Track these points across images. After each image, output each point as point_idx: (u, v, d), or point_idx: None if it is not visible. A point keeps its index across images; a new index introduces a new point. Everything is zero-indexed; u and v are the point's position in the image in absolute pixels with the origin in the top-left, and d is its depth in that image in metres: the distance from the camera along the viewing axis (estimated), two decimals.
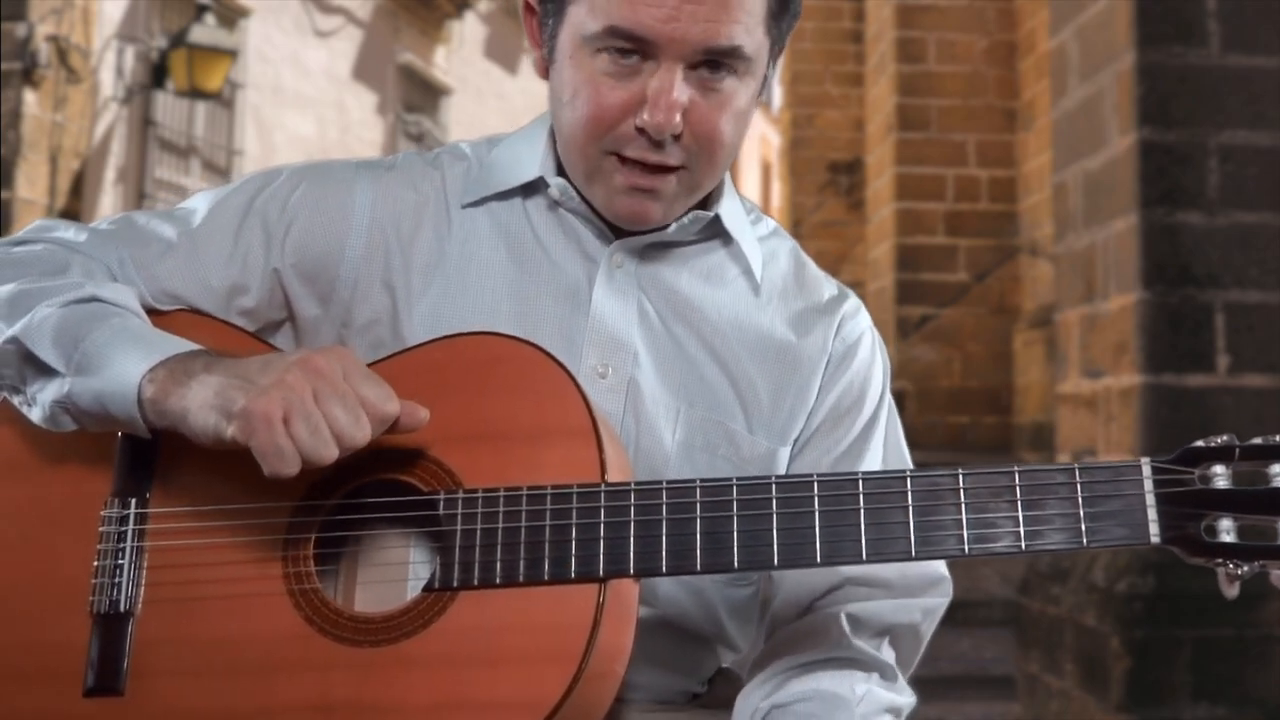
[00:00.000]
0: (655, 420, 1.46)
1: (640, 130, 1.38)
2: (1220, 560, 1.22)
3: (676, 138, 1.39)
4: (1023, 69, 10.27)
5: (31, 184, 7.79)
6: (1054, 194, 5.90)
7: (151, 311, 1.46)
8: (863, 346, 1.56)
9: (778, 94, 15.20)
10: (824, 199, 13.69)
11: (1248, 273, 4.81)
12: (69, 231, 1.50)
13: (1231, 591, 1.23)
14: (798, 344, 1.53)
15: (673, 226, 1.48)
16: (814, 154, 13.81)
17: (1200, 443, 1.24)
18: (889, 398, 1.59)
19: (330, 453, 1.25)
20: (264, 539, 1.35)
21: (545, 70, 1.49)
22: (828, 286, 1.59)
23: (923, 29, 10.55)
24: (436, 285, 1.48)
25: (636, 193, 1.42)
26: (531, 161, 1.52)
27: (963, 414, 10.04)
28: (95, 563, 1.36)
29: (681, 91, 1.37)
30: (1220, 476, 1.23)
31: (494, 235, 1.50)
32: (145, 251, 1.48)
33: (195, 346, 1.34)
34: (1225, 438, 1.23)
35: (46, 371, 1.35)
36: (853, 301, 1.59)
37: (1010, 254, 10.21)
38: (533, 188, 1.51)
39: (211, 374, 1.29)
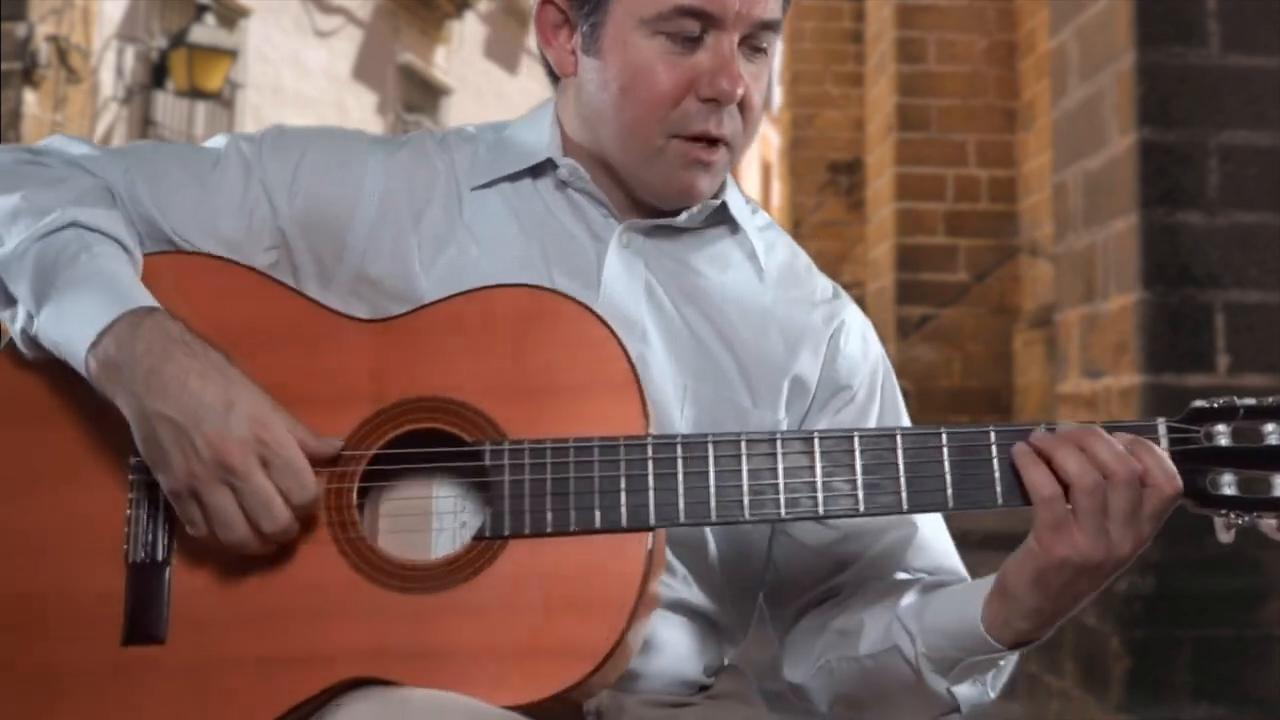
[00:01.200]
0: (664, 397, 1.48)
1: (706, 101, 1.43)
2: (1224, 511, 1.31)
3: (733, 106, 1.45)
4: (1023, 69, 10.26)
5: None
6: (1054, 194, 5.90)
7: (159, 253, 1.46)
8: (855, 332, 1.60)
9: (778, 94, 15.19)
10: (824, 199, 13.67)
11: (1248, 273, 4.81)
12: (82, 148, 1.52)
13: (1227, 537, 1.32)
14: (800, 327, 1.56)
15: (683, 215, 1.52)
16: (814, 154, 13.79)
17: (1203, 403, 1.33)
18: (892, 380, 1.62)
19: (238, 535, 1.30)
20: None
21: (571, 66, 1.51)
22: (822, 280, 1.64)
23: (923, 29, 10.53)
24: (447, 257, 1.49)
25: (696, 166, 1.46)
26: (539, 144, 1.54)
27: (963, 414, 10.02)
28: (127, 511, 1.37)
29: (738, 61, 1.44)
30: (1222, 434, 1.32)
31: (505, 213, 1.52)
32: (160, 183, 1.49)
33: (145, 304, 1.35)
34: (1224, 399, 1.33)
35: (17, 302, 1.39)
36: (845, 295, 1.64)
37: (1010, 254, 10.20)
38: (540, 169, 1.54)
39: (135, 387, 1.31)
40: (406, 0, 13.66)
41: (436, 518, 1.39)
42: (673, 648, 1.50)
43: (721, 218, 1.56)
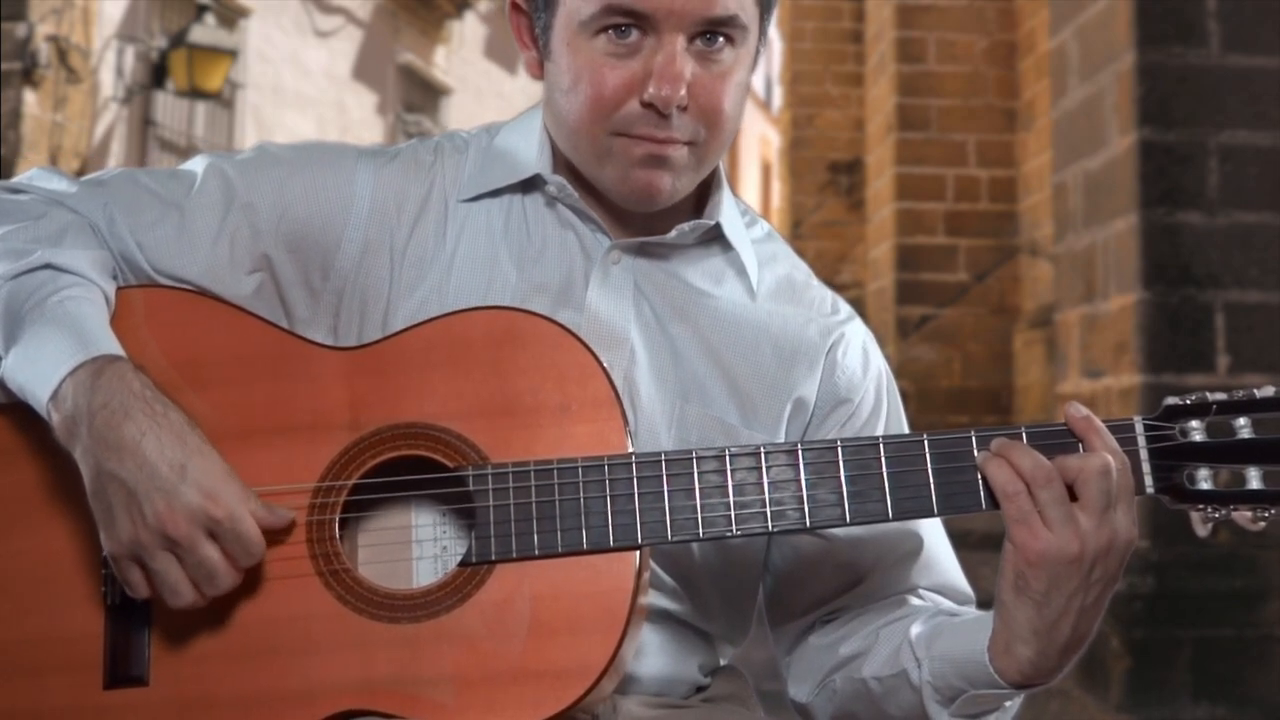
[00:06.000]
0: (652, 417, 1.47)
1: (646, 106, 1.39)
2: (1201, 506, 1.32)
3: (682, 110, 1.40)
4: (1023, 69, 10.25)
5: None
6: (1054, 194, 5.90)
7: (148, 285, 1.45)
8: (855, 346, 1.58)
9: (778, 94, 15.18)
10: (824, 199, 13.67)
11: (1248, 273, 4.81)
12: (61, 183, 1.50)
13: (1204, 531, 1.34)
14: (794, 343, 1.54)
15: (673, 232, 1.49)
16: (814, 154, 13.78)
17: (1177, 400, 1.35)
18: (896, 396, 1.61)
19: (183, 600, 1.29)
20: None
21: (539, 68, 1.50)
22: (822, 293, 1.60)
23: (923, 29, 10.52)
24: (430, 279, 1.48)
25: (650, 163, 1.42)
26: (528, 157, 1.51)
27: (963, 414, 10.02)
28: (103, 552, 1.34)
29: (684, 63, 1.39)
30: (1196, 430, 1.34)
31: (489, 232, 1.50)
32: (138, 218, 1.47)
33: (108, 351, 1.32)
34: (1197, 395, 1.35)
35: None
36: (847, 309, 1.62)
37: (1010, 254, 10.20)
38: (531, 184, 1.51)
39: (90, 442, 1.29)
40: (406, 0, 13.66)
41: (417, 545, 1.38)
42: (666, 653, 1.49)
43: (715, 235, 1.53)
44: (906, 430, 1.60)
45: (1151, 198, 4.85)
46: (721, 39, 1.41)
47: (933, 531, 1.56)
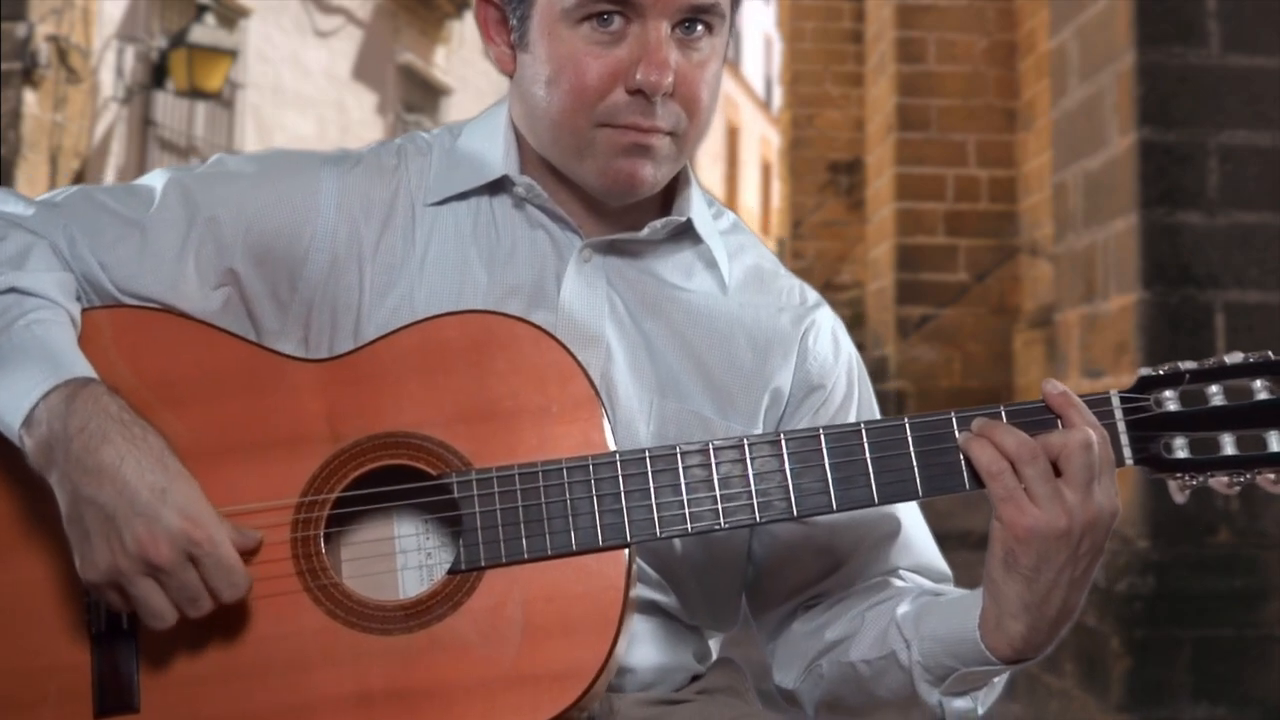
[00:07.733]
0: (630, 414, 1.47)
1: (633, 93, 1.39)
2: (1179, 474, 1.34)
3: (668, 97, 1.40)
4: (1023, 69, 10.25)
5: (31, 184, 7.79)
6: (1054, 194, 5.90)
7: (111, 306, 1.43)
8: (825, 332, 1.58)
9: (778, 94, 15.18)
10: (824, 199, 13.67)
11: (1248, 273, 4.80)
12: (17, 205, 1.47)
13: (1181, 498, 1.36)
14: (767, 333, 1.54)
15: (645, 230, 1.49)
16: (814, 154, 13.78)
17: (1150, 371, 1.36)
18: (866, 381, 1.62)
19: (166, 624, 1.28)
20: (269, 537, 1.33)
21: (511, 63, 1.48)
22: (789, 282, 1.61)
23: (923, 29, 10.52)
24: (401, 286, 1.47)
25: (634, 152, 1.42)
26: (494, 158, 1.51)
27: None
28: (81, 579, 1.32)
29: (670, 49, 1.39)
30: (1170, 400, 1.36)
31: (458, 235, 1.49)
32: (99, 238, 1.45)
33: (80, 374, 1.31)
34: (1169, 365, 1.36)
35: None
36: (815, 296, 1.62)
37: (1010, 254, 10.19)
38: (498, 185, 1.51)
39: (67, 467, 1.27)
40: (406, 0, 13.66)
41: (401, 555, 1.38)
42: (657, 641, 1.50)
43: (685, 229, 1.52)
44: (875, 409, 1.61)
45: (1151, 198, 4.85)
46: (701, 27, 1.42)
47: (909, 513, 1.57)
